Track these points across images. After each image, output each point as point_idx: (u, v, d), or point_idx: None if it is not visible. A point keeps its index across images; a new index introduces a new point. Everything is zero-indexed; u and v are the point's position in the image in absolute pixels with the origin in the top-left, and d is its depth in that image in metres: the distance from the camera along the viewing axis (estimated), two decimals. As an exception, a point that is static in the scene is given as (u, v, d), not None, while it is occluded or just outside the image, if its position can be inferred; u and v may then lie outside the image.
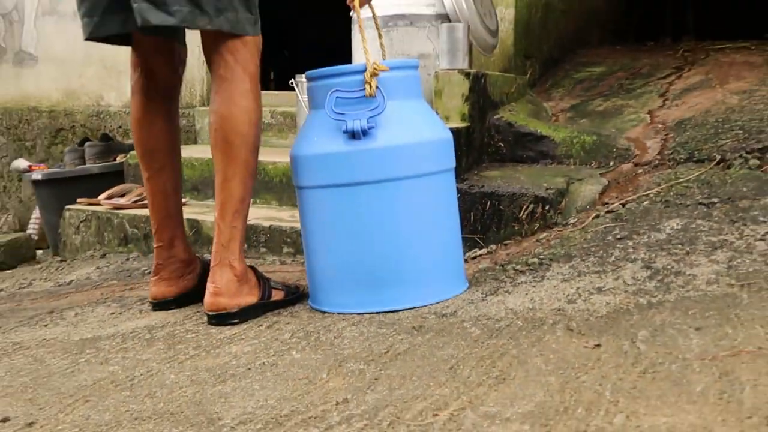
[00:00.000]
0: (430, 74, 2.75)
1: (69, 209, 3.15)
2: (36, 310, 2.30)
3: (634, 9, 5.27)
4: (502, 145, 2.72)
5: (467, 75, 2.60)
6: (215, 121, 1.84)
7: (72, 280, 2.75)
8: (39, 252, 3.79)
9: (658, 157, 2.49)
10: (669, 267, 1.83)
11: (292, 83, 3.17)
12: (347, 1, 2.03)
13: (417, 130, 1.84)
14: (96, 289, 2.54)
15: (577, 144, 2.62)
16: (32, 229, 4.04)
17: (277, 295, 1.95)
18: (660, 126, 2.69)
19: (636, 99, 3.05)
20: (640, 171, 2.45)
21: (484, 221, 2.38)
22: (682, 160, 2.43)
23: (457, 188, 2.42)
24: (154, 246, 2.09)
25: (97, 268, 2.86)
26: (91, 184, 3.56)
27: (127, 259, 2.89)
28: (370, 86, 1.78)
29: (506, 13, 3.20)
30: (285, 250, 2.56)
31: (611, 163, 2.55)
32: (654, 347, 1.39)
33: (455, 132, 2.52)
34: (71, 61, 4.15)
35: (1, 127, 4.33)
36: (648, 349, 1.39)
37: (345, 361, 1.48)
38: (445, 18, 2.79)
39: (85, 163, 3.65)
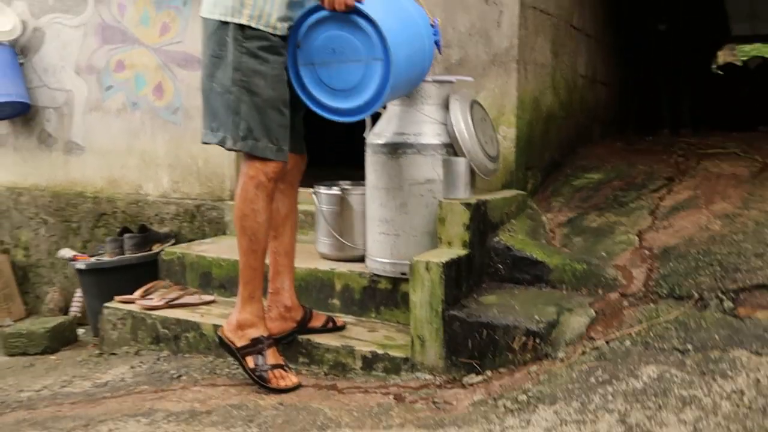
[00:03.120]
0: (435, 198, 2.86)
1: (107, 307, 3.27)
2: (74, 419, 2.43)
3: (632, 99, 5.35)
4: (501, 266, 2.81)
5: (468, 206, 2.69)
6: None
7: (108, 381, 2.88)
8: (81, 331, 3.94)
9: (643, 288, 2.56)
10: (641, 424, 1.90)
11: (311, 192, 3.32)
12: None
13: None
14: (129, 395, 2.67)
15: (569, 271, 2.70)
16: (75, 307, 4.19)
17: (249, 363, 2.50)
18: (647, 253, 2.77)
19: (627, 216, 3.13)
20: (625, 303, 2.52)
21: (481, 349, 2.47)
22: (664, 295, 2.50)
23: (456, 316, 2.51)
24: (268, 291, 2.70)
25: (131, 367, 2.99)
26: (129, 273, 3.72)
27: (158, 359, 3.02)
28: None
29: (508, 132, 3.29)
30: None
31: (600, 292, 2.62)
32: None
33: (457, 259, 2.62)
34: (114, 152, 4.33)
35: (51, 209, 4.51)
36: None
37: None
38: (450, 146, 2.89)
39: (124, 253, 3.81)
